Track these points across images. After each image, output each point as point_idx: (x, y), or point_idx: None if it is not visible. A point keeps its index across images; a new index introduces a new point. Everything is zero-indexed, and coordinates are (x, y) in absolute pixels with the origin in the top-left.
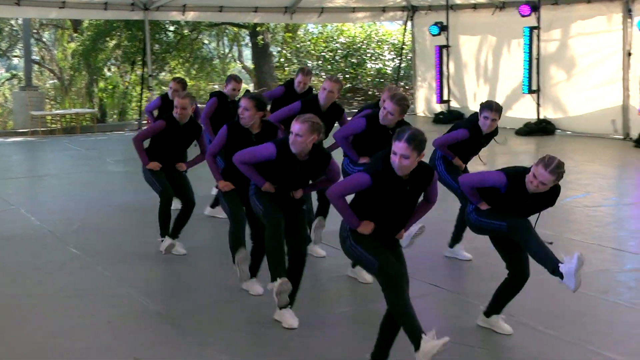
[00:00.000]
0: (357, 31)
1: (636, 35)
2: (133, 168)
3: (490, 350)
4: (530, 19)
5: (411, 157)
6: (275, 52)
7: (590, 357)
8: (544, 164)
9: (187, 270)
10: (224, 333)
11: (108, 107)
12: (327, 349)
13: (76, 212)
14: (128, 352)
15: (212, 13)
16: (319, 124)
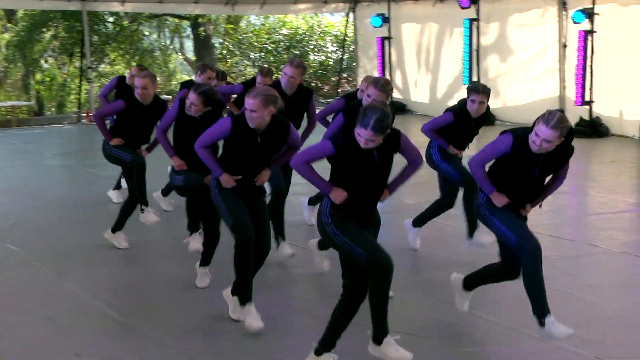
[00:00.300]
0: (299, 23)
1: (571, 27)
2: (72, 162)
3: (434, 338)
4: (469, 11)
5: (376, 140)
6: (218, 44)
7: (529, 343)
8: (544, 120)
9: (130, 265)
10: (167, 328)
11: (45, 100)
12: (281, 341)
13: (13, 207)
14: (68, 348)
15: (152, 4)
16: (272, 96)
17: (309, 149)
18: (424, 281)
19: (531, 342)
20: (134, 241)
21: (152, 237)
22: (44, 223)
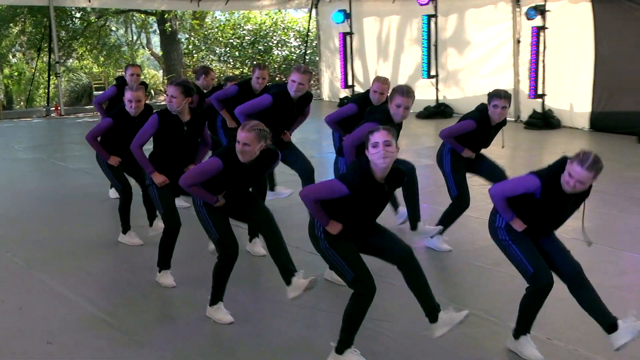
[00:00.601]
0: (263, 18)
1: (525, 24)
2: (42, 155)
3: (394, 323)
4: (428, 7)
5: (393, 145)
6: (184, 39)
7: (490, 327)
8: (579, 161)
9: (101, 255)
10: (137, 316)
11: (14, 94)
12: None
13: None
14: (40, 337)
15: (118, 0)
16: (265, 131)
17: (322, 189)
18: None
19: (485, 323)
20: (110, 232)
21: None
22: (15, 214)
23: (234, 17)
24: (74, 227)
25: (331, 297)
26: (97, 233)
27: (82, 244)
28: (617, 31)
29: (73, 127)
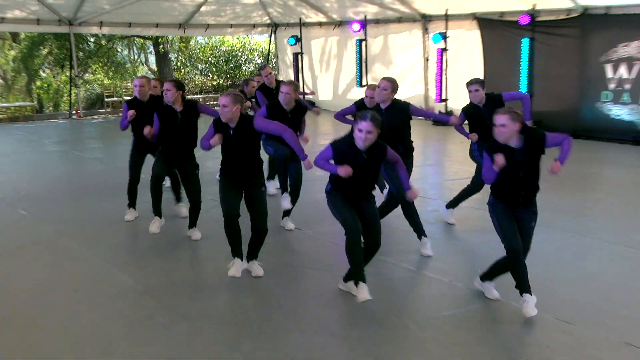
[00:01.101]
0: (235, 42)
1: (432, 46)
2: (65, 148)
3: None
4: (360, 33)
5: (373, 132)
6: (173, 58)
7: (415, 277)
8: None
9: (113, 224)
10: (143, 269)
11: (44, 101)
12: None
13: (22, 182)
14: (67, 287)
15: (123, 28)
16: (240, 96)
17: (322, 151)
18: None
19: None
20: (121, 208)
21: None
22: (45, 194)
23: (212, 40)
24: (92, 203)
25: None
26: (110, 208)
27: (99, 217)
28: (499, 50)
29: (89, 126)
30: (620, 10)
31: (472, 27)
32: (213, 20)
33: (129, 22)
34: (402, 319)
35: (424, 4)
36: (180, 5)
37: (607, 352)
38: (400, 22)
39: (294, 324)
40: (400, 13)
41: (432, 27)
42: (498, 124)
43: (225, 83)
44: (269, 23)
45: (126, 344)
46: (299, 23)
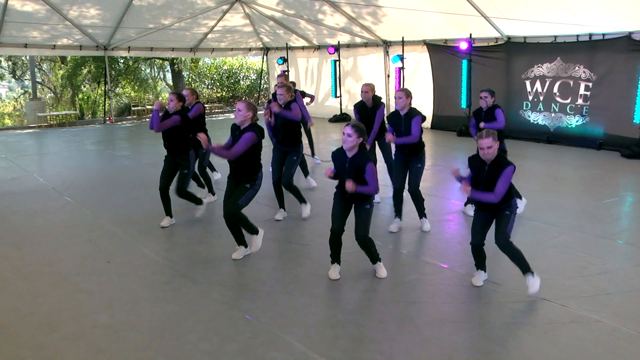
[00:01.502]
0: (234, 62)
1: (391, 66)
2: (101, 147)
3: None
4: (334, 55)
5: (352, 136)
6: (186, 75)
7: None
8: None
9: (141, 207)
10: (172, 248)
11: (85, 110)
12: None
13: (68, 175)
14: (103, 258)
15: (146, 51)
16: (254, 106)
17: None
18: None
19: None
20: (146, 195)
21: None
22: (87, 184)
23: (216, 61)
24: (122, 191)
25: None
26: (137, 195)
27: (127, 200)
28: (444, 69)
29: (120, 130)
30: (534, 40)
31: (423, 50)
32: (217, 45)
33: (150, 47)
34: (370, 283)
35: (384, 32)
36: (191, 33)
37: (527, 305)
38: (366, 46)
39: (284, 287)
40: (366, 39)
41: (392, 50)
42: (485, 147)
43: (227, 95)
44: (262, 47)
45: (149, 304)
46: (286, 47)
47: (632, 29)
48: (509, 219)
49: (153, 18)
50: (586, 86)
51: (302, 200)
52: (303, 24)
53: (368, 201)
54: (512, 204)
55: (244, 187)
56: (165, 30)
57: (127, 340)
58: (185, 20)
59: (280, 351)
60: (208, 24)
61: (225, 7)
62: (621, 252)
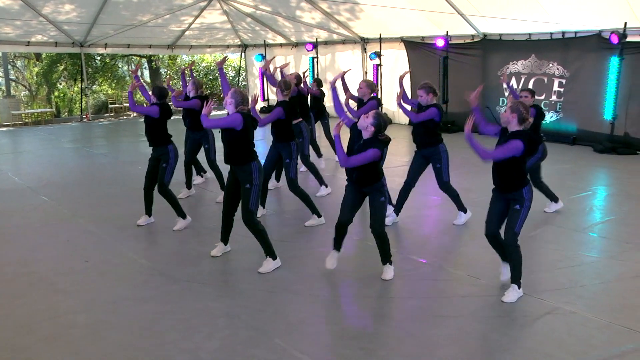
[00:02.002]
0: (212, 59)
1: (369, 63)
2: (78, 145)
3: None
4: (312, 52)
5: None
6: (164, 72)
7: (360, 245)
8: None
9: (118, 205)
10: (150, 247)
11: (61, 108)
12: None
13: (44, 173)
14: (80, 257)
15: (123, 48)
16: (242, 93)
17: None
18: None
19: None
20: (122, 192)
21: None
22: (64, 183)
23: (194, 58)
24: (99, 189)
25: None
26: (114, 192)
27: (105, 198)
28: (421, 66)
29: (97, 128)
30: (509, 37)
31: (400, 47)
32: (195, 42)
33: (128, 43)
34: (350, 279)
35: (362, 29)
36: (169, 30)
37: (501, 297)
38: (344, 43)
39: (263, 284)
40: (344, 36)
41: (369, 48)
42: (507, 106)
43: (205, 92)
44: (240, 44)
45: (128, 303)
46: (264, 44)
47: (602, 27)
48: (519, 214)
49: (130, 14)
50: (560, 83)
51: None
52: (281, 21)
53: (382, 193)
54: (523, 196)
55: (247, 188)
56: (142, 27)
57: (106, 341)
58: (163, 17)
59: (260, 348)
60: (186, 20)
61: (202, 4)
62: (594, 244)
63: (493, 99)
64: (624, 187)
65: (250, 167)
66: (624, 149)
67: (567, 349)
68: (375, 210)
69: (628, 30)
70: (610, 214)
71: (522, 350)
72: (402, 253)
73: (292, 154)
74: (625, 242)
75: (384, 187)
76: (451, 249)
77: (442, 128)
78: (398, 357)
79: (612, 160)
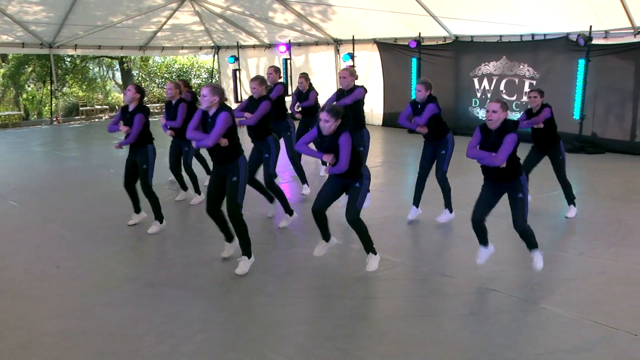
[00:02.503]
0: (185, 61)
1: (343, 64)
2: (48, 148)
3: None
4: (285, 54)
5: (329, 121)
6: (136, 74)
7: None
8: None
9: (90, 207)
10: (121, 249)
11: (30, 110)
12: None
13: (12, 177)
14: (52, 263)
15: (94, 49)
16: (220, 89)
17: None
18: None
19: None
20: (94, 195)
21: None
22: (33, 187)
23: (167, 59)
24: (71, 193)
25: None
26: (86, 196)
27: (77, 202)
28: (394, 67)
29: (67, 130)
30: (481, 39)
31: (373, 49)
32: (167, 43)
33: (98, 45)
34: (324, 279)
35: (335, 30)
36: (140, 31)
37: (478, 296)
38: (317, 45)
39: (238, 287)
40: (317, 38)
41: (343, 49)
42: (490, 110)
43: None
44: (213, 45)
45: (101, 308)
46: (237, 46)
47: (569, 30)
48: (522, 203)
49: (101, 15)
50: (530, 84)
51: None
52: (253, 22)
53: (358, 180)
54: (521, 183)
55: (233, 181)
56: (113, 28)
57: (80, 347)
58: (134, 18)
59: (236, 351)
60: (158, 21)
61: (174, 5)
62: (564, 242)
63: (465, 100)
64: (591, 186)
65: (238, 162)
66: (592, 148)
67: (538, 344)
68: (350, 198)
69: (593, 33)
70: (579, 212)
71: (495, 347)
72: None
73: (271, 148)
74: (593, 239)
75: (366, 178)
76: (425, 248)
77: (413, 130)
78: (374, 357)
79: (581, 160)
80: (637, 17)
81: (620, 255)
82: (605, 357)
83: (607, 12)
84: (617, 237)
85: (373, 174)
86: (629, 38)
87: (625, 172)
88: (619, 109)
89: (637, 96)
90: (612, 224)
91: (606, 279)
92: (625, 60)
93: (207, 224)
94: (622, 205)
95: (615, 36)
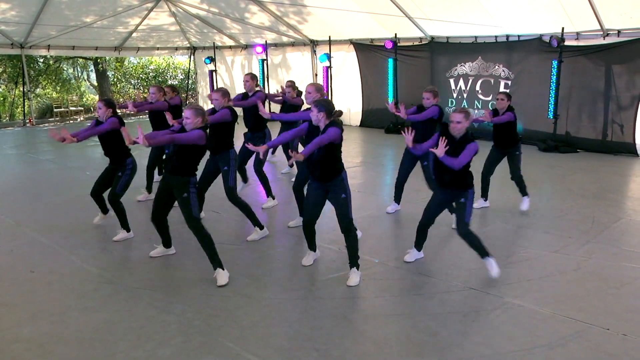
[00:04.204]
0: (161, 62)
1: (319, 65)
2: (21, 151)
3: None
4: (262, 55)
5: (318, 115)
6: (111, 75)
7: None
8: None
9: (66, 211)
10: (97, 253)
11: (1, 112)
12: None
13: None
14: (26, 268)
15: (67, 50)
16: (202, 110)
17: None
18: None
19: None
20: (69, 199)
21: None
22: (6, 189)
23: (142, 60)
24: (45, 197)
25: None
26: (62, 200)
27: (52, 206)
28: (371, 68)
29: (41, 132)
30: (456, 40)
31: (350, 50)
32: (142, 44)
33: (72, 45)
34: (302, 280)
35: (311, 31)
36: (115, 32)
37: (455, 295)
38: (293, 45)
39: (216, 289)
40: (294, 38)
41: (319, 50)
42: (455, 120)
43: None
44: (189, 46)
45: (76, 313)
46: (213, 46)
47: (542, 31)
48: (465, 206)
49: (74, 15)
50: (505, 84)
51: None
52: (229, 23)
53: (343, 189)
54: (470, 192)
55: (184, 197)
56: (87, 28)
57: (53, 354)
58: (108, 18)
59: (214, 353)
60: (132, 22)
61: (149, 5)
62: (539, 240)
63: (442, 101)
64: (565, 184)
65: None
66: (566, 147)
67: (515, 341)
68: (339, 210)
69: (565, 35)
70: (554, 210)
71: (472, 344)
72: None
73: (230, 161)
74: (567, 237)
75: (344, 181)
76: (403, 248)
77: (391, 130)
78: (352, 357)
79: (555, 158)
80: (606, 20)
81: (593, 251)
82: (579, 351)
83: (578, 15)
84: (590, 234)
85: (351, 175)
86: (599, 40)
87: (597, 171)
88: (591, 109)
89: (607, 96)
90: (585, 221)
91: (580, 276)
92: (595, 61)
93: (184, 227)
94: (595, 202)
95: (585, 38)
